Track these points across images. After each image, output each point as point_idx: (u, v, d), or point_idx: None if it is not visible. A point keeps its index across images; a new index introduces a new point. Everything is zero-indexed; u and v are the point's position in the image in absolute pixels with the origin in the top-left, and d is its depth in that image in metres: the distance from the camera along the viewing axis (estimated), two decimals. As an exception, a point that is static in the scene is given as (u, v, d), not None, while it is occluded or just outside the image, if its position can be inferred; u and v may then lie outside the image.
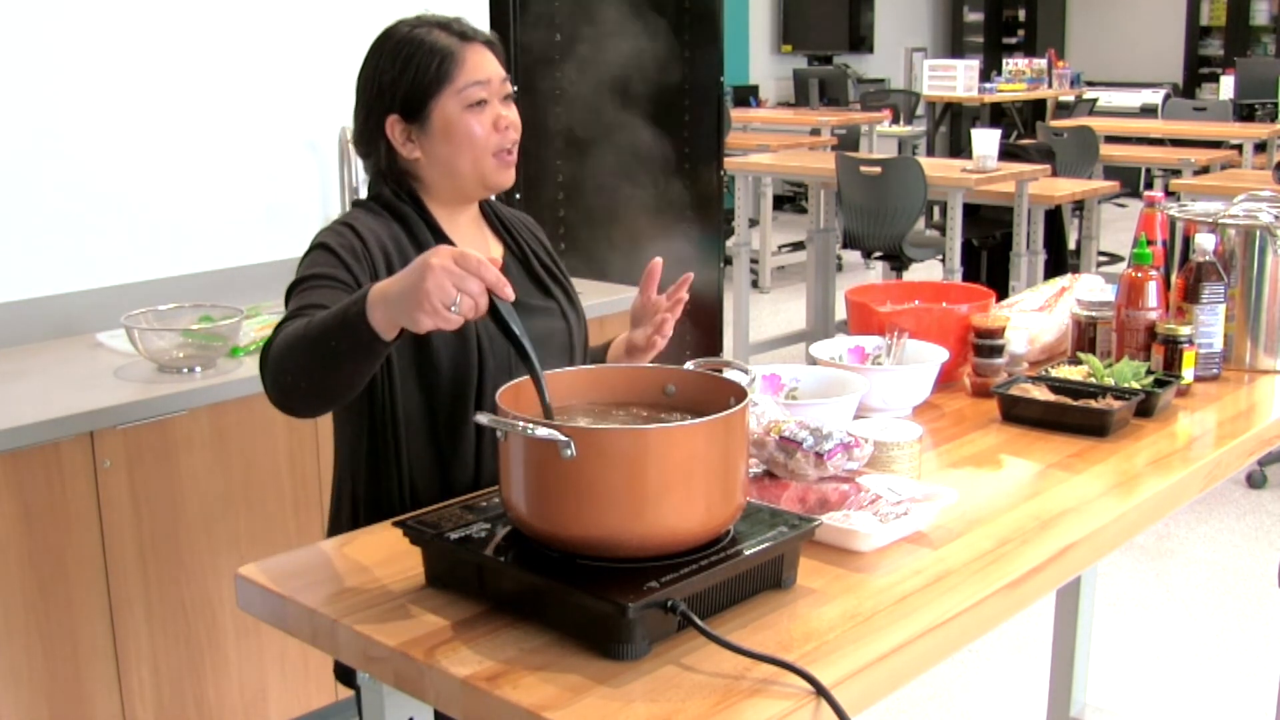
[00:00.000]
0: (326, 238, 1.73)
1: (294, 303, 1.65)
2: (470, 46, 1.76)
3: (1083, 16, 13.51)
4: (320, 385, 1.50)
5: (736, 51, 10.72)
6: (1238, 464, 1.93)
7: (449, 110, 1.74)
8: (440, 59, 1.74)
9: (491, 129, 1.76)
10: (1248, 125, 8.62)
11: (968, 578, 1.42)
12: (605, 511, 1.26)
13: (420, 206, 1.81)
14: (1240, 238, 2.24)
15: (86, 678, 2.39)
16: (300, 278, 1.69)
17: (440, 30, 1.76)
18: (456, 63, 1.74)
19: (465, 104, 1.74)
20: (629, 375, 1.50)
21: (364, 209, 1.81)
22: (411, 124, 1.77)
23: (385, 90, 1.77)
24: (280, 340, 1.52)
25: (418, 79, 1.74)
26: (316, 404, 1.59)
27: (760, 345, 5.94)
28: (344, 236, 1.73)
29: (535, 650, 1.24)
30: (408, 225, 1.79)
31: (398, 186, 1.81)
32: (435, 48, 1.74)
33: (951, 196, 5.27)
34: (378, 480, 1.77)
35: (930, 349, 2.06)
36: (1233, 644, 3.40)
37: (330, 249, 1.71)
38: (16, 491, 2.25)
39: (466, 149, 1.75)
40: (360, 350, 1.42)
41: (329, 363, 1.45)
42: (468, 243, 1.84)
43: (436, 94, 1.74)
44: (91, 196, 2.88)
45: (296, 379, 1.50)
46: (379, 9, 3.24)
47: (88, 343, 2.79)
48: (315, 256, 1.71)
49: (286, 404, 1.56)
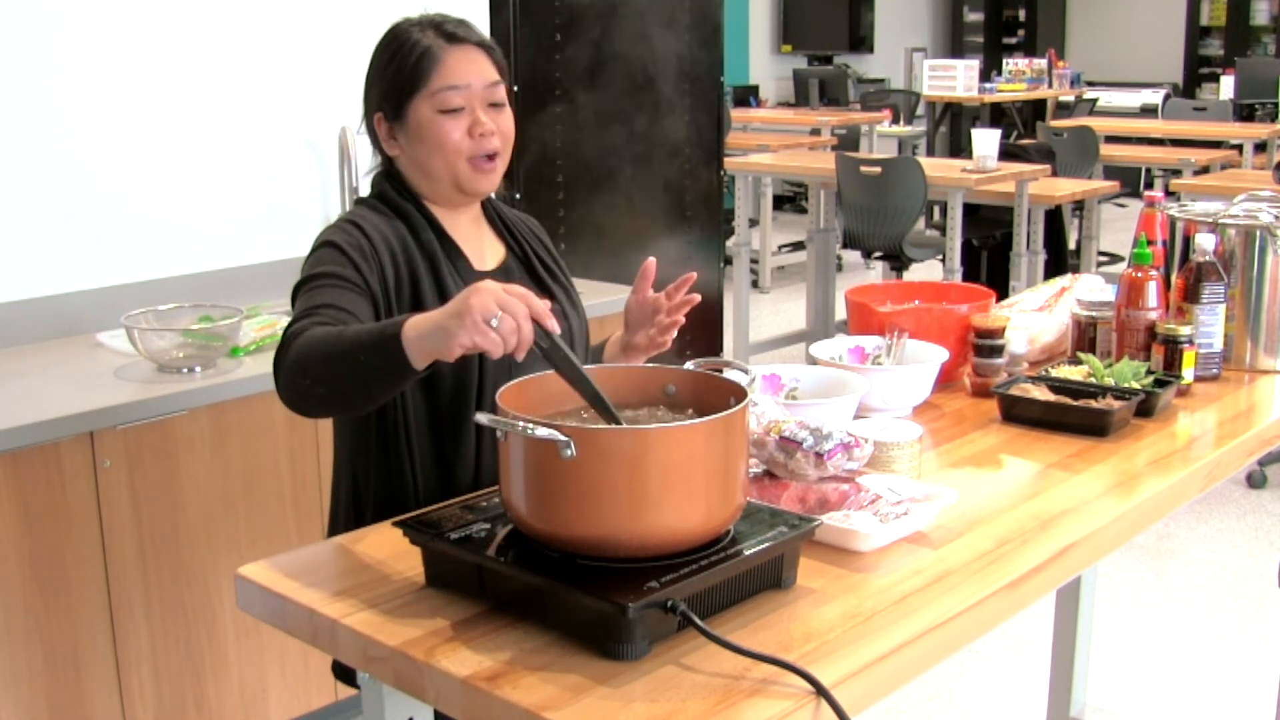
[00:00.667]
0: (333, 235, 1.74)
1: (303, 301, 1.65)
2: (456, 49, 1.75)
3: (1083, 16, 13.51)
4: (339, 395, 1.53)
5: (736, 51, 10.72)
6: (1238, 464, 1.93)
7: (422, 113, 1.74)
8: (419, 59, 1.73)
9: (465, 135, 1.74)
10: (1248, 125, 8.61)
11: (968, 578, 1.42)
12: (605, 511, 1.26)
13: (420, 205, 1.81)
14: (1240, 238, 2.24)
15: (86, 678, 2.39)
16: (308, 275, 1.69)
17: (431, 30, 1.76)
18: (436, 64, 1.73)
19: (438, 108, 1.73)
20: (629, 375, 1.50)
21: (368, 206, 1.82)
22: (393, 122, 1.78)
23: (372, 86, 1.79)
24: (302, 344, 1.53)
25: (396, 77, 1.75)
26: (329, 411, 1.65)
27: (760, 345, 5.94)
28: (350, 235, 1.73)
29: (535, 650, 1.24)
30: (410, 223, 1.79)
31: (399, 184, 1.82)
32: (417, 47, 1.74)
33: (951, 196, 5.27)
34: (387, 479, 1.77)
35: (930, 349, 2.06)
36: (1233, 644, 3.40)
37: (338, 246, 1.71)
38: (16, 491, 2.25)
39: (437, 153, 1.75)
40: (389, 372, 1.45)
41: (354, 378, 1.48)
42: (468, 242, 1.84)
43: (412, 95, 1.74)
44: (91, 196, 2.88)
45: (315, 385, 1.52)
46: (379, 9, 3.24)
47: (88, 343, 2.79)
48: (322, 254, 1.72)
49: (299, 405, 1.59)
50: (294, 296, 1.70)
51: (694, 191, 4.28)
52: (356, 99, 1.86)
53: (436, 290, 1.75)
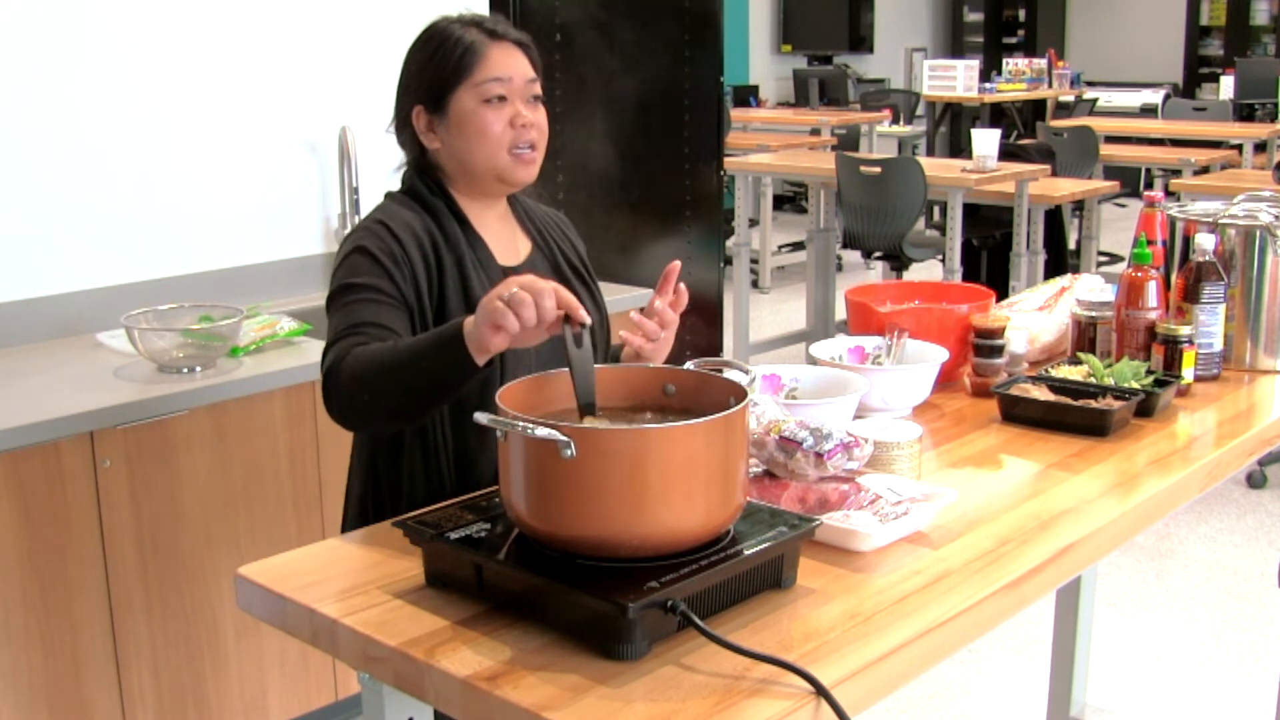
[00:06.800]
0: (364, 240, 1.75)
1: (341, 316, 1.69)
2: (498, 44, 1.80)
3: (1083, 16, 13.51)
4: (403, 406, 1.60)
5: (736, 51, 10.72)
6: (1238, 464, 1.93)
7: (466, 103, 1.78)
8: (463, 52, 1.78)
9: (508, 125, 1.78)
10: (1248, 125, 8.61)
11: (968, 578, 1.42)
12: (605, 511, 1.26)
13: (450, 200, 1.83)
14: (1240, 238, 2.24)
15: (86, 678, 2.39)
16: (343, 285, 1.73)
17: (473, 27, 1.81)
18: (479, 58, 1.78)
19: (482, 98, 1.77)
20: (629, 375, 1.50)
21: (396, 201, 1.85)
22: (434, 114, 1.81)
23: (413, 79, 1.82)
24: (355, 363, 1.60)
25: (440, 70, 1.79)
26: (391, 424, 1.71)
27: (760, 345, 5.94)
28: (382, 239, 1.75)
29: (535, 650, 1.24)
30: (438, 218, 1.81)
31: (429, 179, 1.85)
32: (461, 42, 1.79)
33: (951, 196, 5.27)
34: (414, 475, 1.78)
35: (930, 349, 2.06)
36: (1233, 644, 3.40)
37: (370, 253, 1.73)
38: (16, 491, 2.25)
39: (479, 143, 1.78)
40: (454, 373, 1.52)
41: (419, 387, 1.56)
42: (494, 237, 1.87)
43: (456, 86, 1.78)
44: (92, 196, 2.88)
45: (378, 399, 1.59)
46: (379, 9, 3.24)
47: (88, 343, 2.79)
48: (355, 262, 1.74)
49: (359, 422, 1.68)
50: (329, 305, 1.73)
51: (694, 191, 4.28)
52: (357, 99, 1.86)
53: (460, 285, 1.77)
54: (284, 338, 2.75)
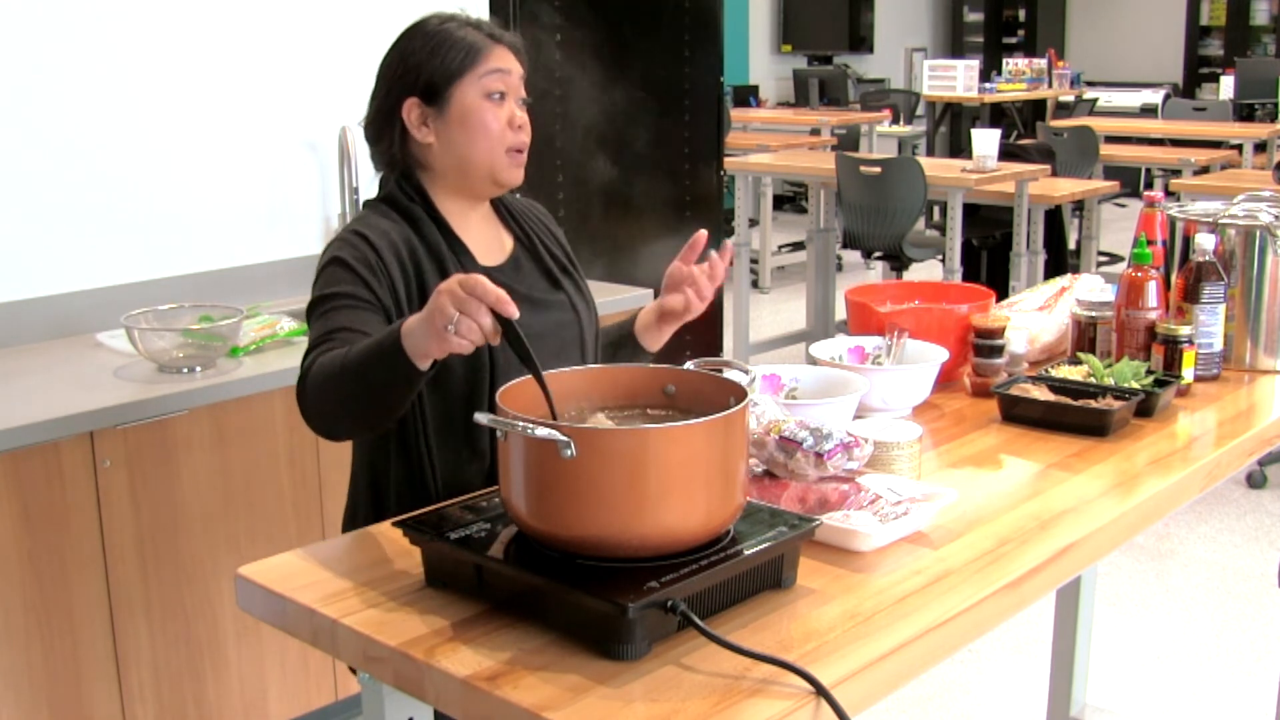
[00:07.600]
0: (341, 251, 1.74)
1: (318, 326, 1.69)
2: (498, 45, 1.80)
3: (1083, 16, 13.51)
4: (363, 414, 1.59)
5: (736, 51, 10.72)
6: (1238, 464, 1.93)
7: (469, 96, 1.77)
8: (467, 50, 1.77)
9: (506, 125, 1.78)
10: (1248, 125, 8.61)
11: (968, 578, 1.42)
12: (605, 511, 1.26)
13: (429, 205, 1.81)
14: (1240, 238, 2.24)
15: (86, 678, 2.39)
16: (320, 296, 1.72)
17: (471, 28, 1.81)
18: (482, 53, 1.78)
19: (484, 92, 1.77)
20: (629, 375, 1.50)
21: (374, 210, 1.82)
22: (430, 107, 1.78)
23: (410, 71, 1.78)
24: (317, 373, 1.60)
25: (444, 64, 1.77)
26: (358, 430, 1.71)
27: (760, 345, 5.94)
28: (358, 249, 1.74)
29: (535, 650, 1.24)
30: (417, 226, 1.80)
31: (405, 180, 1.82)
32: (465, 41, 1.78)
33: (951, 196, 5.27)
34: (408, 475, 1.78)
35: (930, 349, 2.06)
36: (1233, 644, 3.40)
37: (346, 264, 1.73)
38: (16, 491, 2.25)
39: (481, 139, 1.78)
40: (399, 380, 1.50)
41: (371, 394, 1.54)
42: (477, 239, 1.85)
43: (459, 79, 1.77)
44: (92, 196, 2.88)
45: (338, 409, 1.60)
46: (379, 10, 3.24)
47: (88, 343, 2.79)
48: (332, 273, 1.73)
49: (328, 431, 1.66)
50: (308, 318, 1.73)
51: (694, 191, 4.29)
52: (357, 99, 1.86)
53: None
54: (284, 338, 2.75)
